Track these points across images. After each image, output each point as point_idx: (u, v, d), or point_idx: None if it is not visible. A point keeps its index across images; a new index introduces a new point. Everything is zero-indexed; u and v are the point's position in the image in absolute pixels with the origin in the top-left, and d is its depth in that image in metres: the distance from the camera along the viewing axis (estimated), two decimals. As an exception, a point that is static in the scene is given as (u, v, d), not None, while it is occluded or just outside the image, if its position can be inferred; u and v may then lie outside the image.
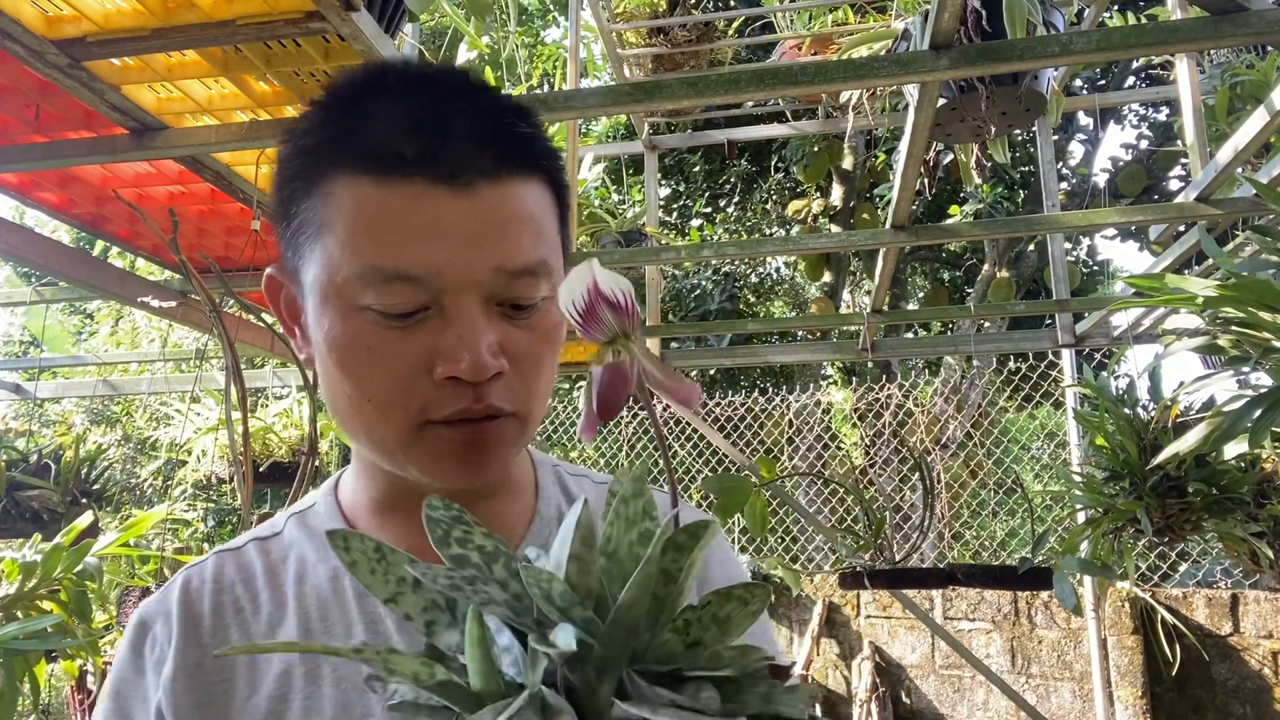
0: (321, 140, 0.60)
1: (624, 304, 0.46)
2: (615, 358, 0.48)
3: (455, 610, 0.41)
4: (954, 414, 5.32)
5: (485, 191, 0.59)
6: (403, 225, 0.57)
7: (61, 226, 5.57)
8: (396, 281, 0.57)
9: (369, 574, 0.40)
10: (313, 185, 0.60)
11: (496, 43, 3.86)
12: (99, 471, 2.91)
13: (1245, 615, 3.71)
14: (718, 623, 0.40)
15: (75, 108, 1.87)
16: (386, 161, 0.57)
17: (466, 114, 0.60)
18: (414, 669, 0.36)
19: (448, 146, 0.58)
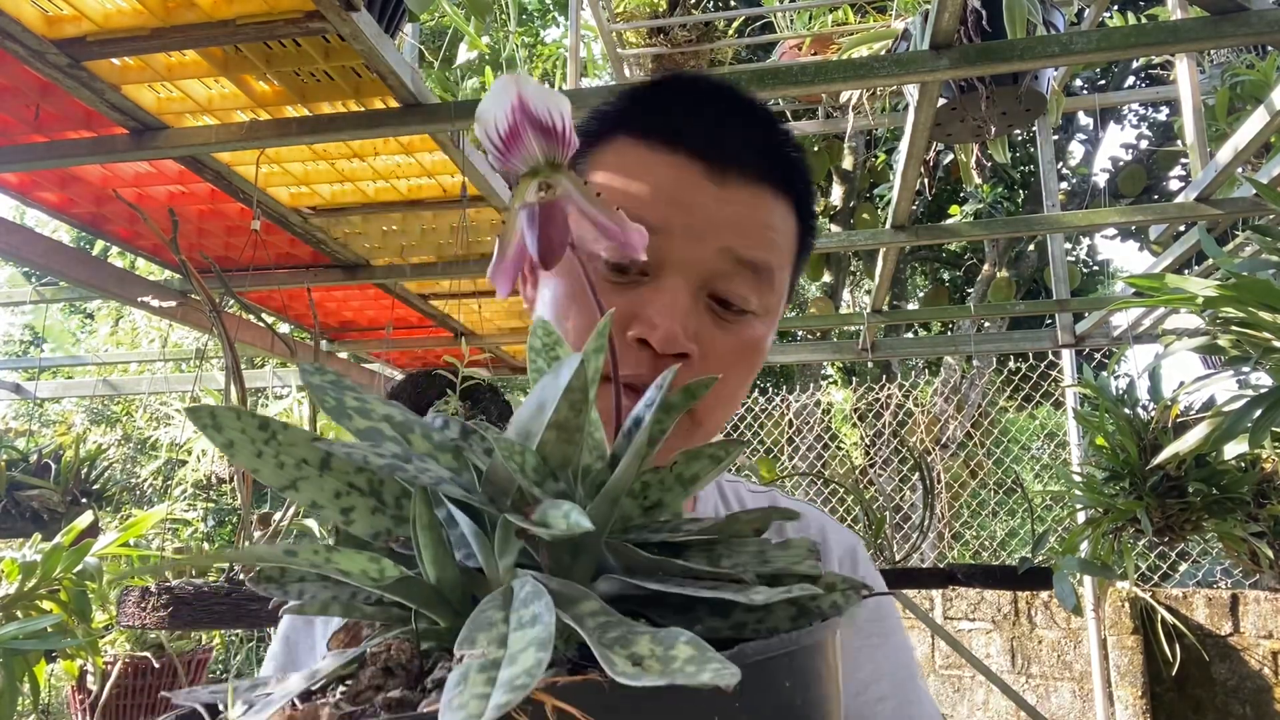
0: (615, 109, 0.66)
1: (558, 128, 0.39)
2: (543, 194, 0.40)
3: (381, 494, 0.35)
4: (954, 414, 5.32)
5: (736, 186, 0.63)
6: (655, 185, 0.62)
7: (62, 226, 5.57)
8: None
9: (254, 457, 0.33)
10: (594, 142, 0.66)
11: (496, 43, 3.85)
12: (99, 471, 2.91)
13: (1245, 615, 3.71)
14: (681, 482, 0.36)
15: (75, 108, 1.87)
16: (661, 134, 0.63)
17: (746, 123, 0.65)
18: (362, 566, 0.31)
19: (718, 139, 0.63)
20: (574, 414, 0.33)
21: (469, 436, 0.38)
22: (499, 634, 0.26)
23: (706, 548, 0.35)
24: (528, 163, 0.40)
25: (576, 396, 0.32)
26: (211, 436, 0.33)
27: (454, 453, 0.37)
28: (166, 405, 5.10)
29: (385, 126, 1.75)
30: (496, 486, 0.34)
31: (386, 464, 0.31)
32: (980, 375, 5.81)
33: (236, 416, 0.33)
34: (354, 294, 3.16)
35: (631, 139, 0.64)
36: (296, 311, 3.24)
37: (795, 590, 0.30)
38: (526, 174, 0.41)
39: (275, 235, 2.51)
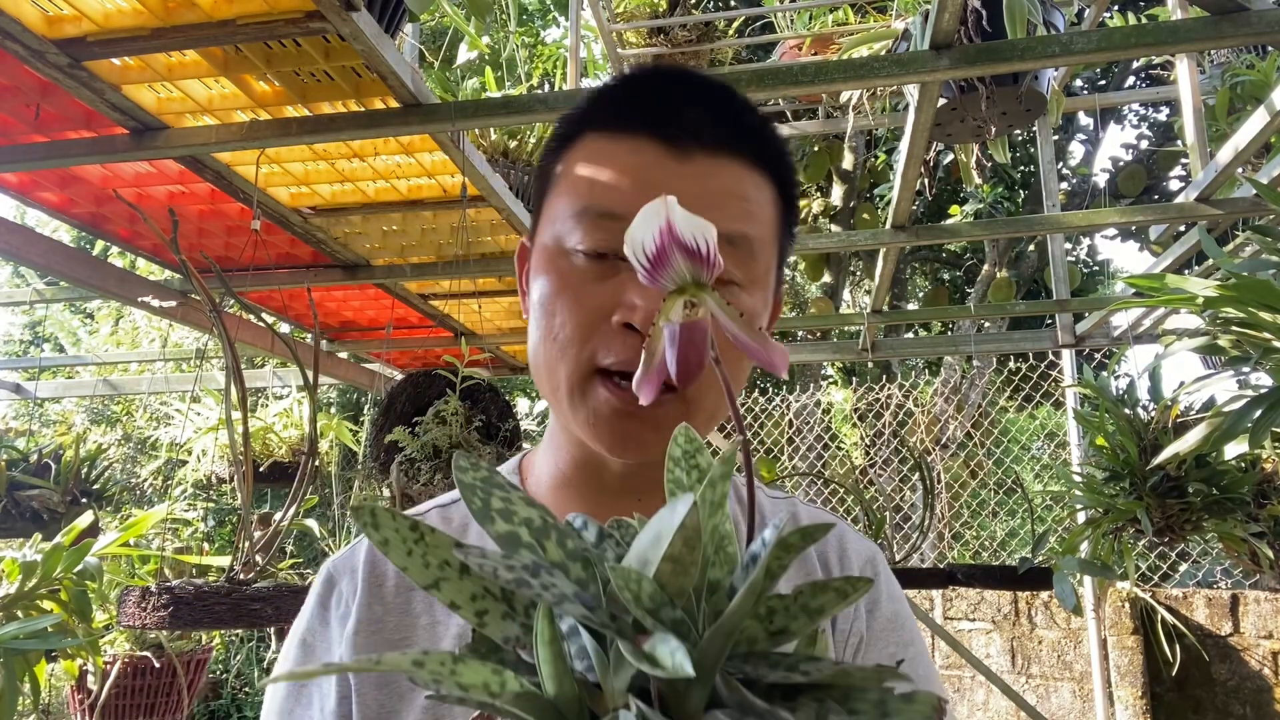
0: (581, 109, 0.68)
1: (704, 252, 0.39)
2: (688, 311, 0.41)
3: (512, 601, 0.37)
4: (954, 414, 5.32)
5: (701, 160, 0.63)
6: (619, 171, 0.63)
7: (62, 226, 5.57)
8: (602, 219, 0.62)
9: (404, 555, 0.35)
10: (562, 147, 0.68)
11: (496, 43, 3.85)
12: (99, 471, 2.91)
13: (1245, 615, 3.71)
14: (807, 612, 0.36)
15: (75, 107, 1.87)
16: (621, 122, 0.65)
17: (703, 99, 0.65)
18: (484, 679, 0.32)
19: (676, 117, 0.63)
20: (688, 550, 0.34)
21: (604, 541, 0.40)
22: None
23: (818, 698, 0.35)
24: (675, 281, 0.41)
25: (690, 534, 0.33)
26: (370, 534, 0.35)
27: (584, 562, 0.38)
28: (166, 405, 5.10)
29: (385, 126, 1.75)
30: (618, 604, 0.34)
31: (514, 578, 0.32)
32: (980, 375, 5.81)
33: (392, 518, 0.35)
34: (354, 294, 3.16)
35: (596, 134, 0.65)
36: (296, 311, 3.24)
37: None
38: (674, 292, 0.41)
39: (275, 235, 2.51)
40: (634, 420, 0.62)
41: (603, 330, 0.62)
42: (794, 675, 0.34)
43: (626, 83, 0.68)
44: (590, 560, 0.37)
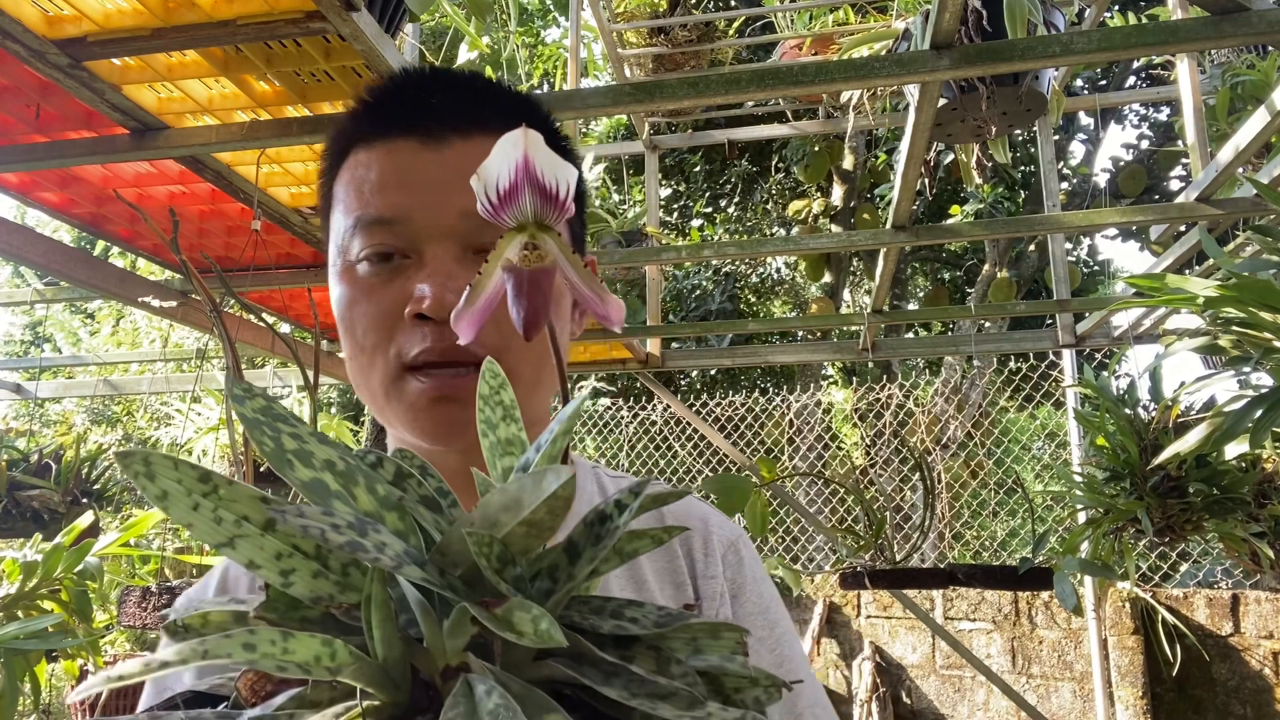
0: (338, 132, 0.70)
1: (559, 196, 0.38)
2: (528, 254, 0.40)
3: (326, 560, 0.34)
4: (954, 414, 5.32)
5: (457, 145, 0.65)
6: (381, 177, 0.65)
7: (62, 226, 5.57)
8: (375, 226, 0.64)
9: (190, 511, 0.32)
10: (333, 169, 0.70)
11: (496, 43, 3.85)
12: (99, 471, 2.91)
13: (1246, 615, 3.71)
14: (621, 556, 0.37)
15: (76, 108, 1.87)
16: (377, 129, 0.67)
17: (449, 88, 0.68)
18: (315, 652, 0.30)
19: (425, 111, 0.65)
20: (551, 518, 0.33)
21: (404, 482, 0.38)
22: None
23: (654, 645, 0.36)
24: (517, 219, 0.39)
25: (558, 504, 0.33)
26: (144, 486, 0.31)
27: (398, 510, 0.36)
28: (167, 405, 5.10)
29: (385, 126, 1.75)
30: (448, 559, 0.34)
31: (347, 542, 0.30)
32: (981, 375, 5.81)
33: (174, 466, 0.32)
34: (354, 294, 3.16)
35: (358, 148, 0.67)
36: (297, 311, 3.24)
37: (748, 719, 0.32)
38: (514, 229, 0.40)
39: (276, 235, 2.51)
40: (449, 403, 0.63)
41: (400, 328, 0.64)
42: (625, 625, 0.35)
43: (375, 92, 0.70)
44: (404, 509, 0.36)
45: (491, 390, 0.45)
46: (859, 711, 4.13)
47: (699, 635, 0.37)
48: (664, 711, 0.31)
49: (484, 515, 0.34)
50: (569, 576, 0.36)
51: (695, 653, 0.36)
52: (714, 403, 5.54)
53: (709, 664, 0.36)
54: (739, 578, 0.73)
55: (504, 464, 0.43)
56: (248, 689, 0.34)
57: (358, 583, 0.34)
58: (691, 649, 0.37)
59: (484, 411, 0.44)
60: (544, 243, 0.40)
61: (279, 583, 0.33)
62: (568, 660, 0.34)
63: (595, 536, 0.36)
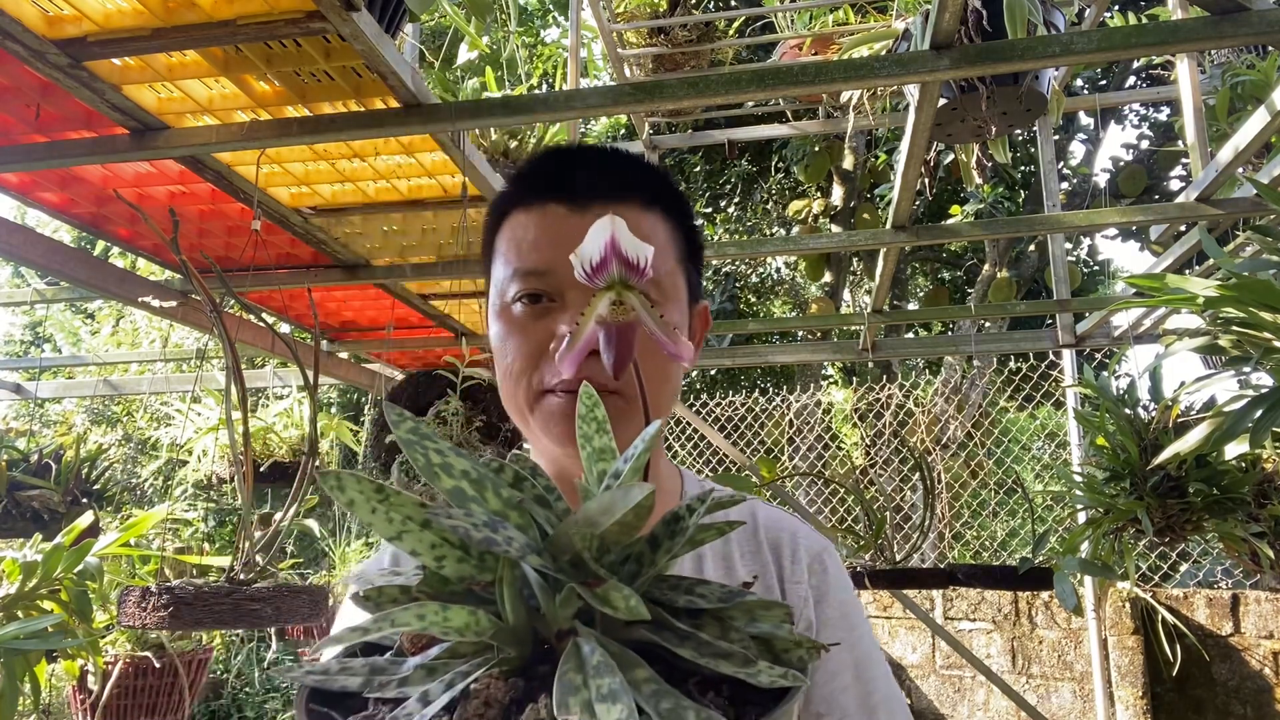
0: (501, 195, 0.84)
1: (638, 263, 0.48)
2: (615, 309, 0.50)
3: (469, 549, 0.44)
4: (954, 414, 5.31)
5: (599, 209, 0.77)
6: (535, 235, 0.79)
7: (62, 226, 5.57)
8: (530, 276, 0.78)
9: (369, 513, 0.43)
10: (496, 226, 0.84)
11: (496, 43, 3.85)
12: (99, 471, 2.91)
13: (1246, 615, 3.71)
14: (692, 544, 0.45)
15: (76, 108, 1.87)
16: (533, 196, 0.80)
17: (594, 162, 0.82)
18: (465, 620, 0.41)
19: (573, 180, 0.79)
20: (636, 519, 0.41)
21: (521, 485, 0.49)
22: (584, 699, 0.36)
23: (718, 616, 0.45)
24: (607, 281, 0.49)
25: (643, 510, 0.41)
26: (336, 496, 0.42)
27: (518, 509, 0.46)
28: (167, 405, 5.10)
29: (386, 126, 1.75)
30: (558, 548, 0.43)
31: (484, 538, 0.40)
32: (981, 375, 5.80)
33: (356, 481, 0.43)
34: (354, 294, 3.16)
35: (517, 210, 0.81)
36: (297, 311, 3.24)
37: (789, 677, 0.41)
38: (604, 288, 0.50)
39: (276, 235, 2.51)
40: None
41: (544, 359, 0.77)
42: (696, 599, 0.45)
43: (532, 166, 0.84)
44: (523, 508, 0.46)
45: (588, 409, 0.55)
46: (859, 711, 4.12)
47: (755, 608, 0.46)
48: (724, 668, 0.40)
49: (585, 517, 0.42)
50: (651, 562, 0.45)
51: (751, 621, 0.45)
52: (714, 403, 5.53)
53: (761, 631, 0.45)
54: (823, 585, 0.85)
55: (598, 469, 0.53)
56: (409, 642, 0.46)
57: (492, 566, 0.44)
58: (749, 619, 0.45)
59: (582, 427, 0.54)
60: (628, 299, 0.50)
61: (434, 566, 0.44)
62: (651, 627, 0.43)
63: (671, 533, 0.46)
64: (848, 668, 0.82)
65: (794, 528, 0.89)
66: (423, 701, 0.39)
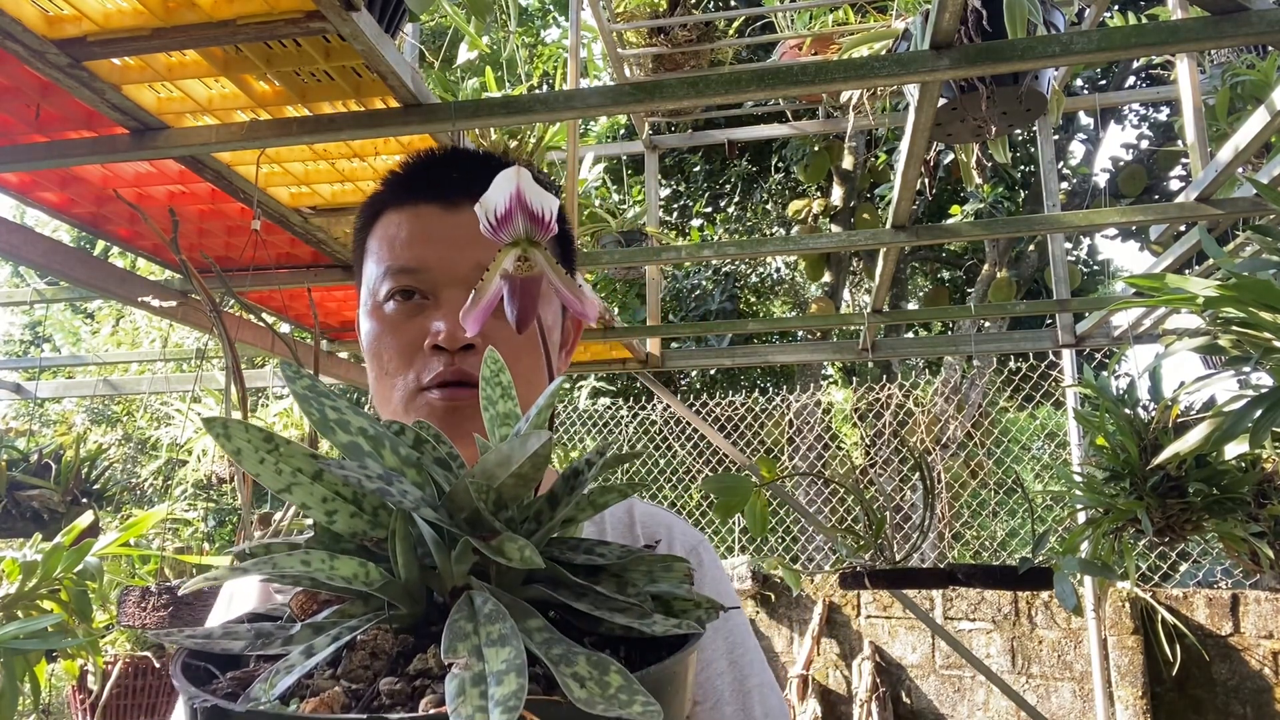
0: (375, 196, 0.85)
1: (544, 219, 0.47)
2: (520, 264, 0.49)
3: (361, 503, 0.43)
4: (954, 414, 5.31)
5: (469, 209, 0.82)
6: (409, 234, 0.79)
7: (62, 226, 5.57)
8: (402, 275, 0.78)
9: (257, 464, 0.41)
10: (368, 227, 0.84)
11: (496, 43, 3.85)
12: (99, 471, 2.91)
13: (1246, 615, 3.71)
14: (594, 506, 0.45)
15: (75, 107, 1.87)
16: (405, 196, 0.81)
17: (467, 162, 0.84)
18: (354, 570, 0.40)
19: (444, 179, 0.81)
20: (534, 470, 0.41)
21: (422, 446, 0.47)
22: (473, 645, 0.34)
23: (617, 574, 0.45)
24: (512, 236, 0.49)
25: (540, 460, 0.41)
26: (223, 444, 0.41)
27: (416, 467, 0.45)
28: (167, 405, 5.10)
29: (385, 126, 1.75)
30: (455, 504, 0.42)
31: (377, 488, 0.39)
32: (980, 375, 5.80)
33: (245, 429, 0.41)
34: (354, 294, 3.15)
35: (390, 210, 0.82)
36: (297, 311, 3.24)
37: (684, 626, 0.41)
38: (510, 244, 0.49)
39: (275, 235, 2.51)
40: (459, 413, 0.75)
41: (419, 357, 0.76)
42: (594, 558, 0.45)
43: (405, 168, 0.85)
44: (421, 466, 0.45)
45: (492, 373, 0.54)
46: (859, 711, 4.13)
47: (654, 567, 0.46)
48: (620, 619, 0.40)
49: (482, 469, 0.42)
50: (550, 518, 0.44)
51: (651, 581, 0.45)
52: (714, 403, 5.54)
53: (660, 590, 0.44)
54: (699, 577, 0.84)
55: (501, 433, 0.52)
56: (298, 608, 0.44)
57: (385, 522, 0.43)
58: (648, 579, 0.45)
59: (485, 390, 0.53)
60: (533, 255, 0.50)
61: (324, 521, 0.42)
62: (548, 584, 0.43)
63: (570, 487, 0.45)
64: (722, 655, 0.83)
65: (670, 522, 0.90)
66: (306, 654, 0.38)
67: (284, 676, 0.36)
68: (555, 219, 0.48)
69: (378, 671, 0.37)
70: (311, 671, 0.37)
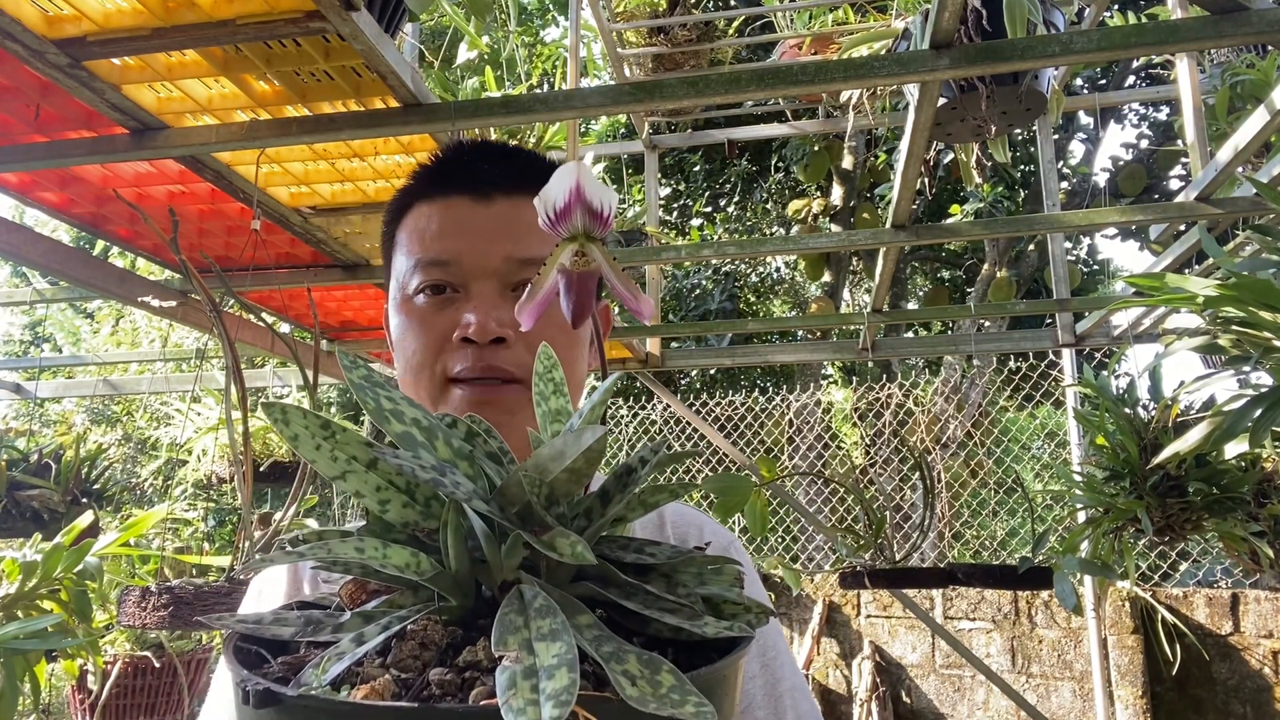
0: (405, 189, 0.84)
1: (604, 215, 0.46)
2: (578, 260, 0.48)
3: (414, 493, 0.43)
4: (954, 413, 5.31)
5: (502, 202, 0.79)
6: (440, 226, 0.79)
7: (62, 226, 5.57)
8: (432, 267, 0.78)
9: (314, 450, 0.41)
10: (398, 219, 0.83)
11: (496, 42, 3.85)
12: (99, 471, 2.91)
13: (1245, 615, 3.71)
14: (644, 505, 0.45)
15: (75, 107, 1.87)
16: (437, 189, 0.81)
17: (496, 154, 0.83)
18: (406, 560, 0.40)
19: (477, 172, 0.80)
20: (588, 466, 0.41)
21: (474, 439, 0.47)
22: (524, 639, 0.34)
23: (667, 574, 0.45)
24: (571, 232, 0.48)
25: (594, 455, 0.40)
26: (281, 430, 0.40)
27: (468, 460, 0.45)
28: (167, 405, 5.10)
29: (385, 126, 1.75)
30: (506, 498, 0.42)
31: (431, 479, 0.39)
32: (980, 375, 5.80)
33: (303, 415, 0.41)
34: (354, 294, 3.16)
35: (421, 202, 0.81)
36: (296, 311, 3.24)
37: (735, 629, 0.40)
38: (567, 239, 0.48)
39: (275, 235, 2.51)
40: (486, 408, 0.73)
41: (447, 348, 0.76)
42: (644, 558, 0.44)
43: (438, 160, 0.84)
44: (473, 459, 0.45)
45: (545, 369, 0.54)
46: (859, 711, 4.13)
47: (704, 570, 0.45)
48: (670, 620, 0.40)
49: (535, 464, 0.41)
50: (601, 515, 0.44)
51: (701, 583, 0.44)
52: (714, 402, 5.54)
53: (711, 592, 0.44)
54: None
55: (553, 429, 0.52)
56: (347, 597, 0.44)
57: (437, 513, 0.43)
58: (698, 580, 0.45)
59: (538, 386, 0.53)
60: (591, 251, 0.49)
61: (377, 510, 0.42)
62: (598, 581, 0.42)
63: (622, 485, 0.45)
64: (754, 657, 0.83)
65: (700, 522, 0.90)
66: (357, 641, 0.38)
67: (335, 663, 0.36)
68: (613, 215, 0.47)
69: (427, 662, 0.37)
70: (361, 659, 0.37)
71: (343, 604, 0.44)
